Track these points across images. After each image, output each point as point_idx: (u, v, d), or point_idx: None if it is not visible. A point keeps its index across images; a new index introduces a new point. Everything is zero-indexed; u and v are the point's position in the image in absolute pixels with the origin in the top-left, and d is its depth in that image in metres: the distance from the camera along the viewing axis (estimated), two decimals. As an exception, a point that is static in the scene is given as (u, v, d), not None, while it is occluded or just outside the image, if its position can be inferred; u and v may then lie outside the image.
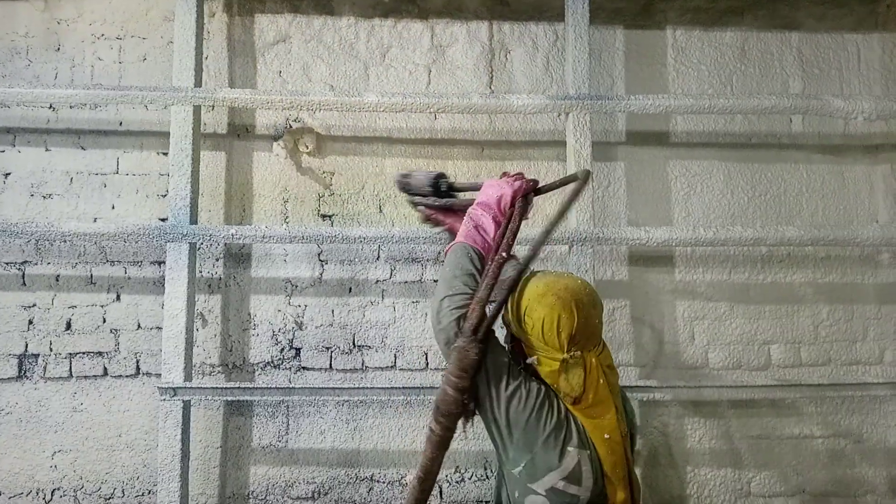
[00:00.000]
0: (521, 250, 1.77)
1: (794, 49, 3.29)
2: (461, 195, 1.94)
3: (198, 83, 2.87)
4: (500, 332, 1.57)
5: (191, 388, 2.69)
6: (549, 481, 1.38)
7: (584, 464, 1.38)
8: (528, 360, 1.48)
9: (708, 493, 3.02)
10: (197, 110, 2.84)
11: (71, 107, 3.03)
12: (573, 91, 2.91)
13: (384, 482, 2.96)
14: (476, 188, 1.81)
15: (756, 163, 3.23)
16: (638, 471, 2.95)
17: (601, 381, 1.41)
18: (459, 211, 1.85)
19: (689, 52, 3.27)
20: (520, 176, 1.71)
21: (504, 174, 1.76)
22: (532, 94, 2.94)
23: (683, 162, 3.21)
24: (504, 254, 1.55)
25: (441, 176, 1.91)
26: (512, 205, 1.64)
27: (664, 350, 3.10)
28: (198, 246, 2.95)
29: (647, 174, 3.19)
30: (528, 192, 1.67)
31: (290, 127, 3.10)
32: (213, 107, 3.04)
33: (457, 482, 2.96)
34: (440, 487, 2.96)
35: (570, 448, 1.38)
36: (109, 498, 2.90)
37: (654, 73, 3.25)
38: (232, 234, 2.75)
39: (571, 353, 1.41)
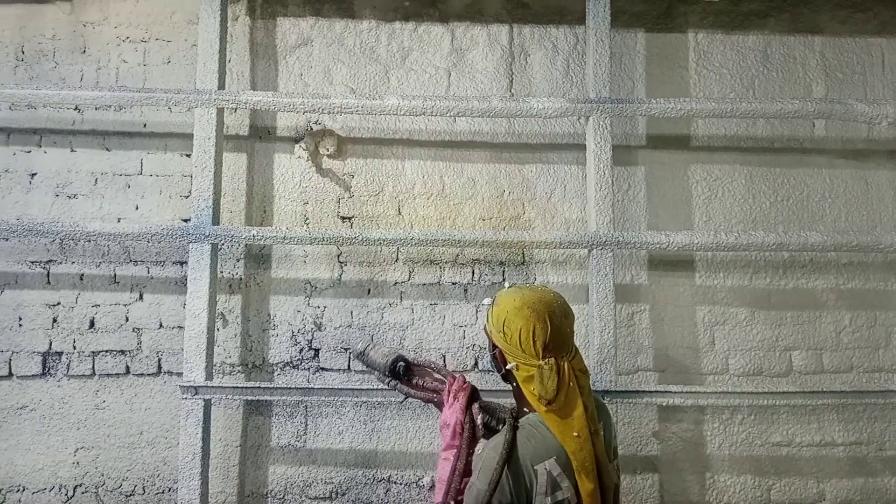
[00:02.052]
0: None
1: (818, 53, 3.26)
2: (417, 379, 1.85)
3: (221, 86, 2.90)
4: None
5: (211, 387, 2.71)
6: None
7: (554, 469, 1.49)
8: (508, 367, 1.60)
9: (727, 499, 2.99)
10: (220, 112, 2.88)
11: (96, 108, 3.08)
12: (593, 94, 2.91)
13: (401, 483, 2.96)
14: (434, 368, 1.84)
15: (778, 167, 3.20)
16: (653, 472, 2.96)
17: (571, 384, 1.53)
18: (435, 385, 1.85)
19: (710, 55, 3.25)
20: (460, 387, 1.72)
21: (450, 381, 1.75)
22: (552, 98, 2.93)
23: (705, 166, 3.19)
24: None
25: (399, 359, 1.84)
26: (462, 425, 1.66)
27: (684, 355, 3.08)
28: (219, 247, 2.98)
29: (668, 178, 3.18)
30: (470, 401, 1.69)
31: (311, 129, 3.12)
32: (236, 109, 3.07)
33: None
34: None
35: (536, 467, 1.48)
36: (130, 495, 2.93)
37: (676, 77, 3.24)
38: (253, 235, 2.78)
39: (546, 360, 1.53)
